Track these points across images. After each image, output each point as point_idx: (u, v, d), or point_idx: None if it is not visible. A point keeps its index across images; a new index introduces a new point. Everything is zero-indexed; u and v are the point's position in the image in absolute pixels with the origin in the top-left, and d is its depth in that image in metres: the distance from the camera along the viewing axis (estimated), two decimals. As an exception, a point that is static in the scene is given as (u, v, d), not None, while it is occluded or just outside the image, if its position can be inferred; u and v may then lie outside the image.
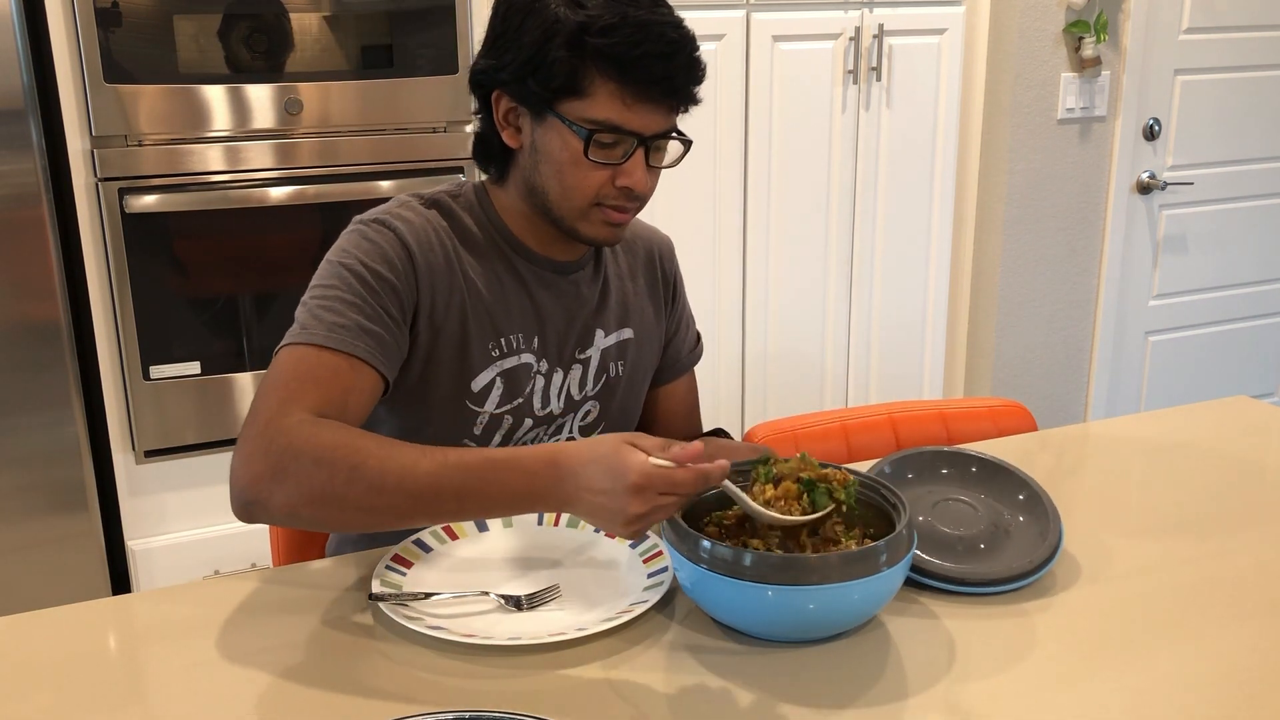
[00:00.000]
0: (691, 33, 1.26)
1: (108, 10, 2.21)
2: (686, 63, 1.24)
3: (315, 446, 1.08)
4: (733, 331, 2.95)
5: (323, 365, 1.17)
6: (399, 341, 1.24)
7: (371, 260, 1.23)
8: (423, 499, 1.07)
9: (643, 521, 1.03)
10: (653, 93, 1.22)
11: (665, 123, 1.26)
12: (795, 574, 1.02)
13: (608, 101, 1.21)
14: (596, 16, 1.19)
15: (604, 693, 1.01)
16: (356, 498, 1.07)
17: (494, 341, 1.32)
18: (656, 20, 1.21)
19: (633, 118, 1.22)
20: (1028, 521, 1.25)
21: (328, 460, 1.07)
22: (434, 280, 1.27)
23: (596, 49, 1.19)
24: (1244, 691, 1.00)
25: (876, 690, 1.01)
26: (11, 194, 2.21)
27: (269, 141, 2.40)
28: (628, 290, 1.44)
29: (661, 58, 1.21)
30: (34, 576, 2.37)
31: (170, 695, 1.02)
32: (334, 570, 1.24)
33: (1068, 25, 3.06)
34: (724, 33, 2.74)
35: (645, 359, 1.46)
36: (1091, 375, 3.43)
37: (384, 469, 1.07)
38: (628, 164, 1.24)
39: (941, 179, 3.07)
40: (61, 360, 2.30)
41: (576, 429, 1.40)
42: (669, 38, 1.22)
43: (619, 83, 1.20)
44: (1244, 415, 1.70)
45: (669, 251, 1.52)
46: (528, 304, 1.34)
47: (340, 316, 1.19)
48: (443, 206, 1.33)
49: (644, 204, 1.30)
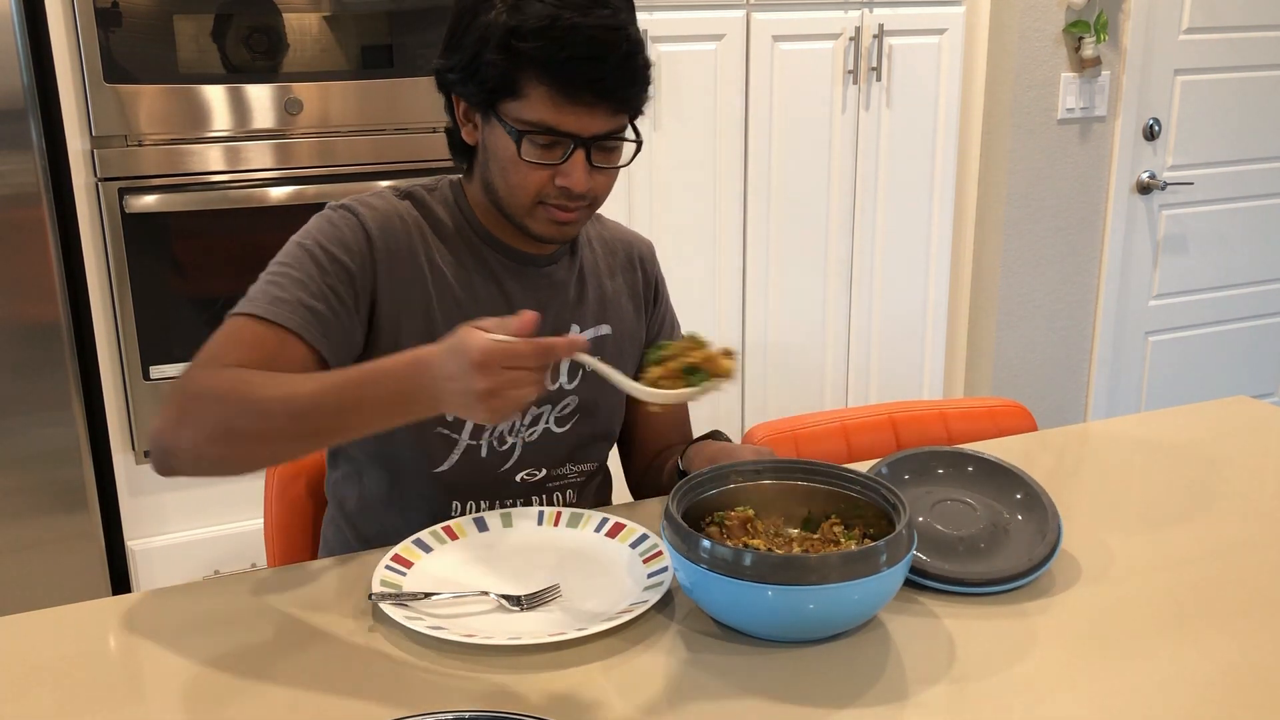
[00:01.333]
0: (631, 34, 1.25)
1: (108, 10, 2.21)
2: (619, 65, 1.23)
3: (211, 387, 1.16)
4: (733, 331, 2.95)
5: (252, 333, 1.22)
6: (344, 321, 1.27)
7: (328, 242, 1.28)
8: (307, 418, 1.12)
9: (496, 399, 1.03)
10: (584, 96, 1.22)
11: (606, 124, 1.26)
12: (795, 574, 1.02)
13: (541, 104, 1.23)
14: (526, 20, 1.21)
15: (604, 693, 1.01)
16: (248, 427, 1.13)
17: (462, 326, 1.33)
18: (587, 23, 1.21)
19: (567, 119, 1.23)
20: (1026, 520, 1.25)
21: (220, 396, 1.15)
22: (394, 265, 1.31)
23: (525, 52, 1.21)
24: (1244, 691, 1.00)
25: (876, 690, 1.01)
26: (11, 194, 2.21)
27: (269, 141, 2.40)
28: (606, 288, 1.46)
29: (590, 60, 1.21)
30: (34, 576, 2.37)
31: (170, 695, 1.02)
32: (334, 570, 1.24)
33: (1068, 25, 3.06)
34: (724, 33, 2.74)
35: (624, 356, 1.47)
36: (1091, 375, 3.43)
37: (270, 396, 1.13)
38: (565, 165, 1.26)
39: (941, 179, 3.07)
40: (61, 360, 2.30)
41: (553, 420, 1.41)
42: (598, 40, 1.21)
43: (549, 86, 1.22)
44: (1244, 415, 1.70)
45: (650, 254, 1.54)
46: (497, 294, 1.37)
47: (284, 291, 1.24)
48: (416, 198, 1.38)
49: (596, 203, 1.33)
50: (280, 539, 1.52)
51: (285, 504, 1.53)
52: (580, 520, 1.30)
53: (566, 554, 1.25)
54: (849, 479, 1.20)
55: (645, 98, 1.29)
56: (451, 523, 1.30)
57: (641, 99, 1.28)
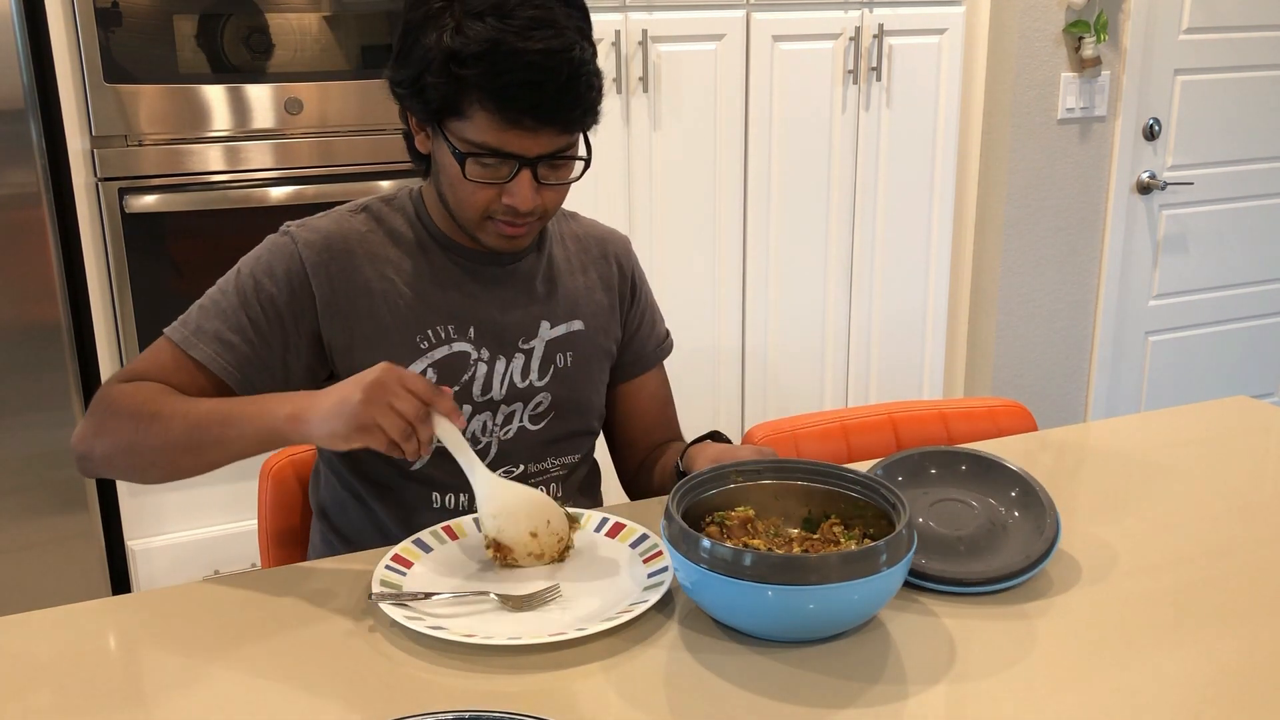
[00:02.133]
0: (574, 56, 1.22)
1: (108, 10, 2.21)
2: (560, 90, 1.21)
3: (126, 403, 1.25)
4: (732, 331, 2.95)
5: (171, 359, 1.30)
6: (261, 353, 1.32)
7: (260, 273, 1.33)
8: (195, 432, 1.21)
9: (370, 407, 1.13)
10: (525, 120, 1.22)
11: (552, 144, 1.26)
12: (795, 574, 1.02)
13: (483, 125, 1.23)
14: (467, 44, 1.20)
15: (604, 693, 1.01)
16: (151, 441, 1.23)
17: (420, 334, 1.36)
18: (526, 49, 1.19)
19: (509, 141, 1.24)
20: (1024, 517, 1.25)
21: (132, 413, 1.24)
22: (333, 286, 1.34)
23: (465, 77, 1.21)
24: (1244, 691, 1.00)
25: (876, 690, 1.01)
26: (11, 194, 2.21)
27: (269, 141, 2.40)
28: (578, 284, 1.47)
29: (528, 85, 1.20)
30: (34, 576, 2.37)
31: (170, 695, 1.02)
32: (334, 570, 1.24)
33: (1068, 25, 3.06)
34: (724, 33, 2.74)
35: (598, 351, 1.47)
36: (1091, 375, 3.43)
37: (170, 413, 1.23)
38: (511, 184, 1.27)
39: (941, 179, 3.07)
40: (61, 360, 2.30)
41: (527, 418, 1.42)
42: (538, 65, 1.20)
43: (490, 110, 1.22)
44: (1244, 415, 1.70)
45: (625, 249, 1.55)
46: (458, 296, 1.38)
47: (208, 321, 1.31)
48: (372, 210, 1.41)
49: (546, 215, 1.34)
50: (275, 544, 1.53)
51: (279, 509, 1.53)
52: (580, 520, 1.30)
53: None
54: (849, 479, 1.20)
55: (592, 117, 1.28)
56: (451, 523, 1.30)
57: (588, 119, 1.27)
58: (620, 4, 2.62)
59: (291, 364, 1.34)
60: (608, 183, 2.70)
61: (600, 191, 2.68)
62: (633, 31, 2.63)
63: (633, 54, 2.65)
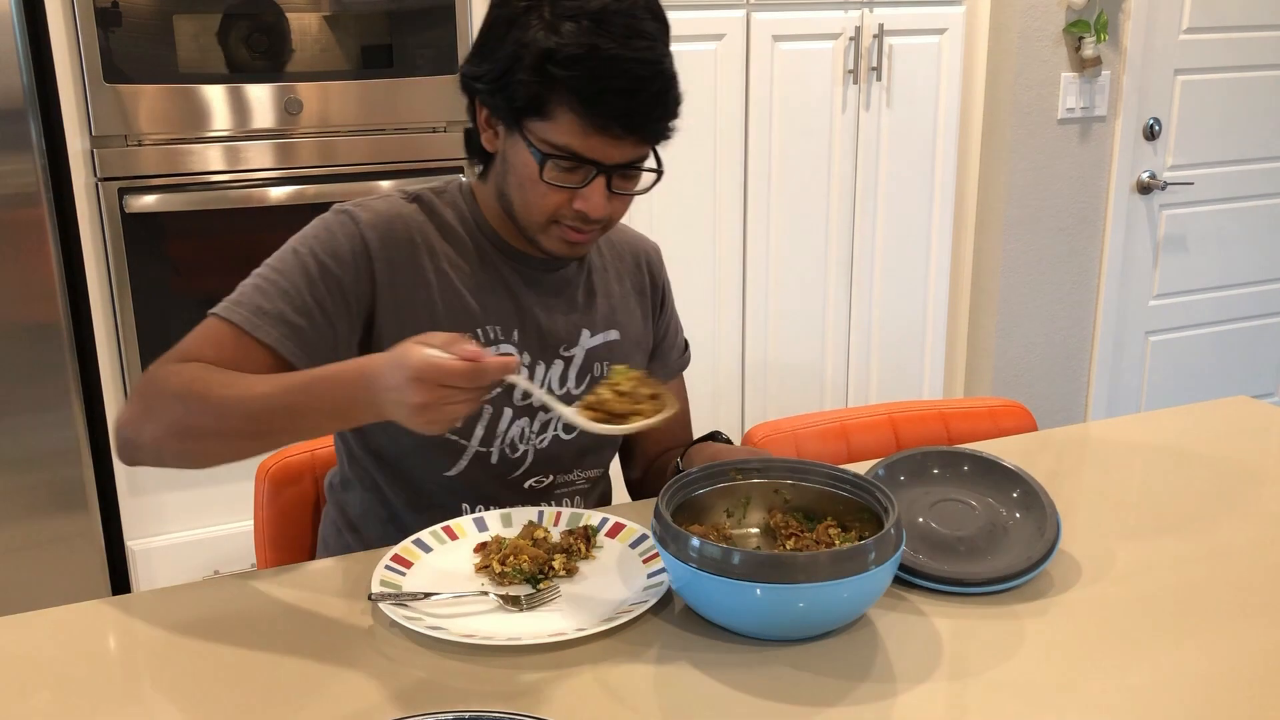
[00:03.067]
0: (666, 68, 1.23)
1: (108, 10, 2.21)
2: (651, 100, 1.21)
3: (175, 384, 1.19)
4: (732, 331, 2.95)
5: (230, 340, 1.24)
6: (325, 335, 1.28)
7: (322, 251, 1.28)
8: (259, 419, 1.16)
9: (430, 412, 1.06)
10: (613, 128, 1.21)
11: (631, 153, 1.25)
12: (784, 572, 1.02)
13: (568, 128, 1.21)
14: (564, 45, 1.19)
15: (603, 693, 1.01)
16: (206, 425, 1.17)
17: (470, 332, 1.34)
18: (624, 55, 1.19)
19: (592, 146, 1.22)
20: (1025, 519, 1.25)
21: (183, 394, 1.18)
22: (394, 273, 1.31)
23: (559, 78, 1.19)
24: (1244, 691, 1.00)
25: (866, 688, 1.01)
26: (11, 194, 2.21)
27: (269, 141, 2.40)
28: (614, 292, 1.46)
29: (624, 94, 1.19)
30: (34, 576, 2.37)
31: (170, 695, 1.02)
32: (334, 570, 1.24)
33: (1068, 25, 3.06)
34: (724, 33, 2.74)
35: (631, 361, 1.46)
36: (1091, 375, 3.43)
37: (228, 395, 1.16)
38: (585, 190, 1.25)
39: (941, 179, 3.07)
40: (61, 361, 2.30)
41: (561, 427, 1.41)
42: (634, 74, 1.19)
43: (579, 113, 1.20)
44: (1244, 415, 1.70)
45: (657, 258, 1.54)
46: (506, 298, 1.37)
47: (269, 302, 1.25)
48: (424, 201, 1.37)
49: (610, 225, 1.32)
50: (271, 544, 1.53)
51: (275, 509, 1.53)
52: (580, 521, 1.30)
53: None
54: (840, 479, 1.20)
55: (673, 130, 1.27)
56: (451, 523, 1.30)
57: (669, 132, 1.27)
58: (620, 4, 2.62)
59: (342, 349, 1.31)
60: (608, 183, 2.70)
61: (600, 191, 2.67)
62: (633, 31, 2.63)
63: (633, 54, 2.64)
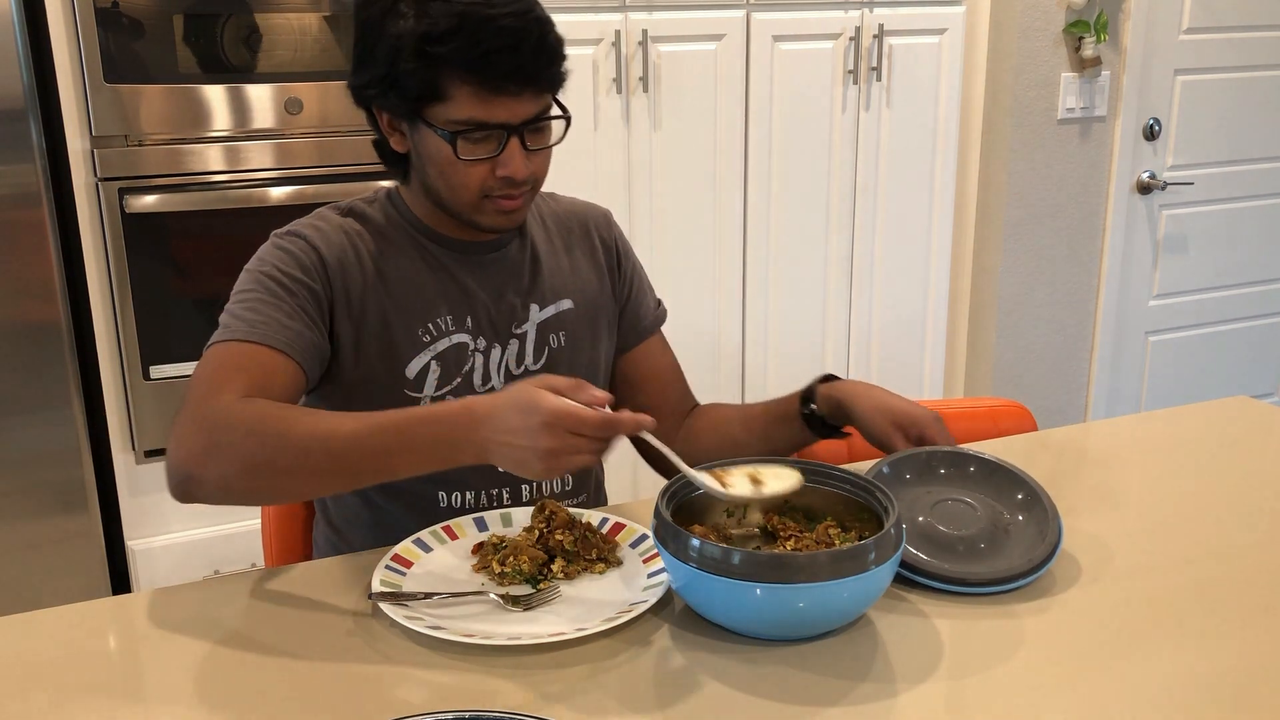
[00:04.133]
0: (539, 14, 1.26)
1: (108, 10, 2.21)
2: (535, 48, 1.24)
3: (245, 419, 1.14)
4: (733, 331, 2.95)
5: (245, 355, 1.23)
6: (315, 338, 1.29)
7: (286, 265, 1.31)
8: (347, 459, 1.12)
9: (556, 459, 1.06)
10: (508, 86, 1.24)
11: (533, 108, 1.27)
12: (784, 572, 1.02)
13: (467, 101, 1.24)
14: (436, 23, 1.21)
15: (604, 693, 1.01)
16: (285, 464, 1.12)
17: (422, 327, 1.36)
18: (495, 14, 1.22)
19: (495, 111, 1.25)
20: (1026, 520, 1.25)
21: (257, 430, 1.13)
22: (346, 280, 1.33)
23: (442, 55, 1.22)
24: (1244, 692, 1.00)
25: (865, 688, 1.01)
26: (11, 194, 2.21)
27: (269, 141, 2.40)
28: (563, 263, 1.47)
29: (506, 50, 1.22)
30: (34, 576, 2.37)
31: (170, 695, 1.02)
32: (334, 570, 1.24)
33: (1068, 25, 3.06)
34: (724, 33, 2.74)
35: (591, 327, 1.48)
36: (1091, 375, 3.43)
37: (310, 433, 1.12)
38: (503, 155, 1.27)
39: (941, 179, 3.07)
40: (61, 360, 2.30)
41: None
42: (510, 29, 1.22)
43: (471, 83, 1.23)
44: (1244, 415, 1.70)
45: (605, 221, 1.55)
46: (452, 287, 1.39)
47: (258, 314, 1.26)
48: (357, 212, 1.40)
49: (538, 185, 1.35)
50: (278, 540, 1.53)
51: (283, 508, 1.53)
52: (581, 519, 1.30)
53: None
54: (840, 478, 1.20)
55: (564, 75, 1.30)
56: (451, 523, 1.30)
57: (561, 76, 1.30)
58: (620, 4, 2.62)
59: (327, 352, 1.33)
60: (608, 183, 2.70)
61: (600, 192, 2.67)
62: (633, 31, 2.63)
63: (633, 54, 2.65)
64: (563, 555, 1.21)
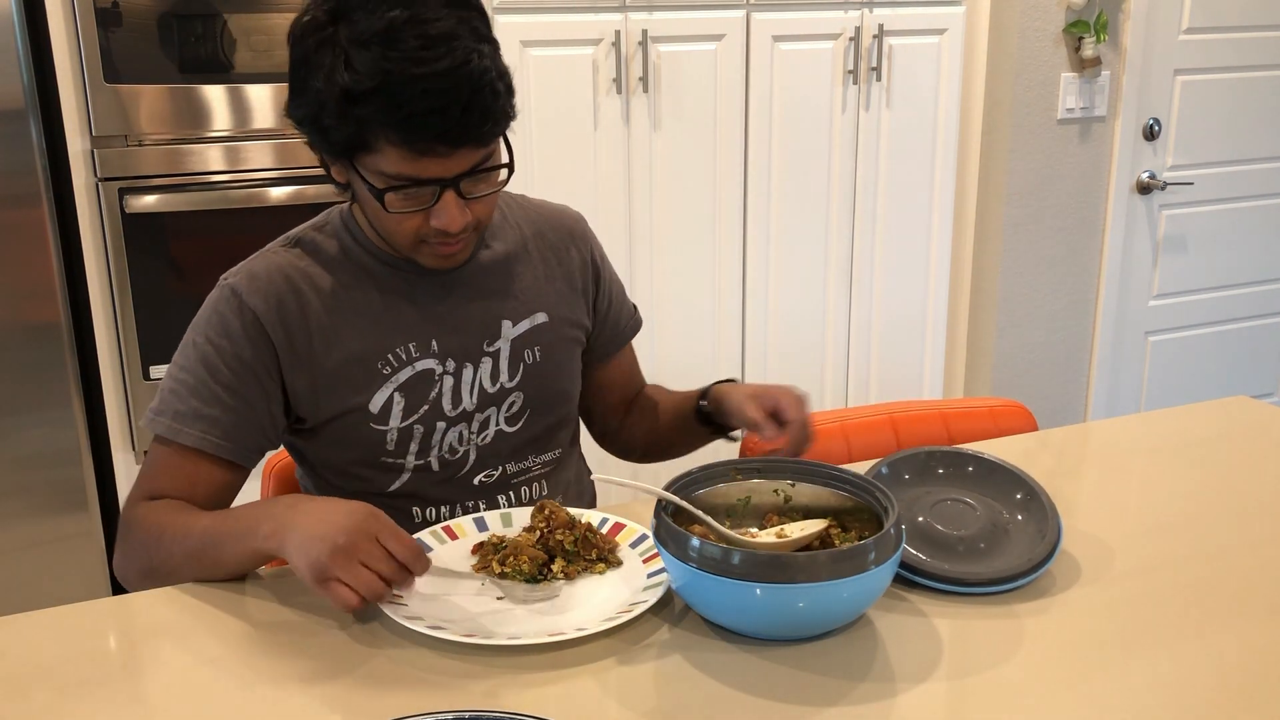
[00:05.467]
0: (473, 70, 1.14)
1: (108, 10, 2.21)
2: (464, 111, 1.14)
3: (139, 531, 1.26)
4: (732, 331, 2.95)
5: (167, 460, 1.28)
6: (245, 415, 1.29)
7: (216, 335, 1.29)
8: (196, 555, 1.21)
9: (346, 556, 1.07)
10: (436, 148, 1.16)
11: (469, 161, 1.19)
12: (784, 572, 1.02)
13: (395, 157, 1.17)
14: (358, 80, 1.13)
15: (603, 693, 1.01)
16: (163, 564, 1.23)
17: (381, 359, 1.32)
18: (420, 74, 1.12)
19: (425, 167, 1.17)
20: (1026, 520, 1.25)
21: (142, 540, 1.25)
22: (288, 331, 1.30)
23: (364, 116, 1.14)
24: (1244, 692, 1.00)
25: (865, 688, 1.01)
26: (11, 194, 2.21)
27: (269, 141, 2.40)
28: (537, 274, 1.42)
29: (434, 113, 1.13)
30: (34, 576, 2.37)
31: (170, 695, 1.02)
32: (334, 570, 1.24)
33: (1068, 25, 3.06)
34: (724, 33, 2.74)
35: (566, 339, 1.44)
36: (1091, 375, 3.43)
37: (173, 537, 1.22)
38: (436, 207, 1.21)
39: (941, 179, 3.07)
40: (61, 360, 2.30)
41: (503, 420, 1.39)
42: (436, 90, 1.13)
43: (397, 143, 1.15)
44: (1244, 415, 1.70)
45: (580, 229, 1.49)
46: (413, 312, 1.34)
47: (182, 403, 1.28)
48: (305, 242, 1.35)
49: (481, 226, 1.28)
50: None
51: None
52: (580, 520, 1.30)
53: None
54: (840, 479, 1.20)
55: (505, 124, 1.21)
56: (451, 523, 1.30)
57: (500, 127, 1.20)
58: (620, 4, 2.62)
59: (275, 413, 1.31)
60: (608, 183, 2.70)
61: (600, 192, 2.67)
62: (633, 31, 2.63)
63: (633, 54, 2.65)
64: (563, 555, 1.21)
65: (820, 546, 1.16)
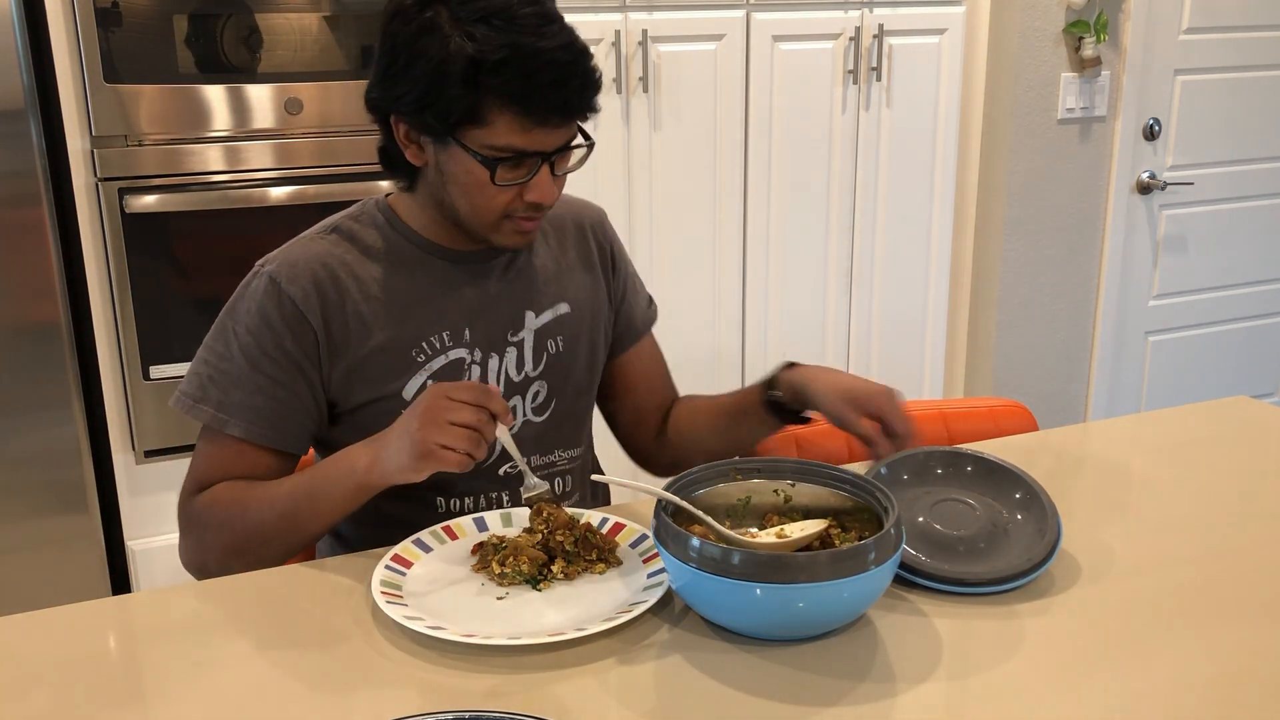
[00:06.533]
0: (582, 46, 1.25)
1: (108, 10, 2.21)
2: (581, 83, 1.24)
3: (212, 515, 1.29)
4: (733, 332, 2.95)
5: (222, 451, 1.32)
6: (289, 404, 1.32)
7: (256, 325, 1.31)
8: (290, 515, 1.25)
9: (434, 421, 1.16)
10: (551, 119, 1.24)
11: (566, 136, 1.28)
12: (784, 572, 1.02)
13: (508, 129, 1.23)
14: (486, 50, 1.19)
15: (603, 693, 1.01)
16: (251, 538, 1.26)
17: (417, 347, 1.35)
18: (546, 46, 1.20)
19: (534, 139, 1.24)
20: (1026, 520, 1.25)
21: (221, 519, 1.28)
22: (327, 316, 1.32)
23: (490, 85, 1.20)
24: (1244, 692, 1.00)
25: (865, 688, 1.01)
26: (11, 194, 2.21)
27: (269, 141, 2.40)
28: (560, 267, 1.46)
29: (556, 85, 1.21)
30: (34, 576, 2.37)
31: (170, 695, 1.02)
32: (334, 570, 1.24)
33: (1068, 25, 3.06)
34: (724, 33, 2.74)
35: (589, 330, 1.47)
36: (1091, 375, 3.43)
37: (258, 506, 1.26)
38: (534, 180, 1.28)
39: (941, 179, 3.07)
40: (61, 360, 2.30)
41: (529, 410, 1.42)
42: (560, 62, 1.21)
43: (516, 113, 1.22)
44: (1244, 415, 1.70)
45: (600, 221, 1.54)
46: (447, 301, 1.37)
47: (224, 393, 1.31)
48: (342, 230, 1.38)
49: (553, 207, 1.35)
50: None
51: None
52: (580, 520, 1.30)
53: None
54: (840, 479, 1.20)
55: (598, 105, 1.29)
56: (451, 523, 1.30)
57: (597, 106, 1.29)
58: (620, 4, 2.62)
59: (320, 399, 1.34)
60: (608, 183, 2.70)
61: (600, 192, 2.67)
62: (633, 31, 2.63)
63: (633, 54, 2.65)
64: (563, 555, 1.21)
65: (820, 547, 1.16)
